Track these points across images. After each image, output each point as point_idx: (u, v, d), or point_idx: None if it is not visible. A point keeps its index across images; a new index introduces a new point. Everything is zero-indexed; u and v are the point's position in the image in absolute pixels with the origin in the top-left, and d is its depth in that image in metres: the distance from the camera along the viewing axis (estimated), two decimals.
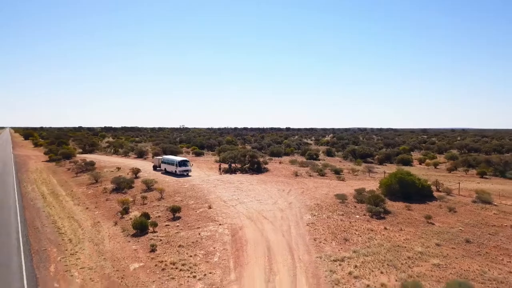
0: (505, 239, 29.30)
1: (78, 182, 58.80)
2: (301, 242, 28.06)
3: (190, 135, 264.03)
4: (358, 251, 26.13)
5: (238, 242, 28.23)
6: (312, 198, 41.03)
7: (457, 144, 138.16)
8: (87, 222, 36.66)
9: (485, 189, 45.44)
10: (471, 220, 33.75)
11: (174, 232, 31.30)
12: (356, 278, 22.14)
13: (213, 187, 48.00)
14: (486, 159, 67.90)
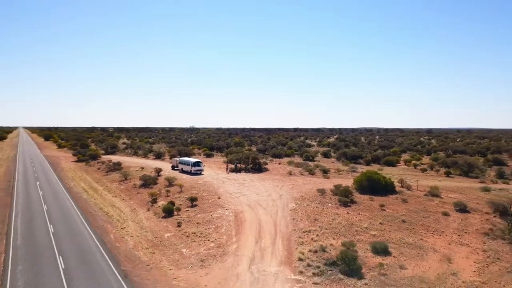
0: (432, 220, 40.43)
1: (110, 179, 70.97)
2: (283, 221, 39.50)
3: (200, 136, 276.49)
4: (322, 226, 37.47)
5: (239, 221, 39.79)
6: (298, 192, 52.41)
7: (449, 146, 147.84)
8: (126, 208, 48.55)
9: (440, 185, 56.40)
10: (415, 208, 44.85)
11: (193, 214, 43.00)
12: (315, 241, 33.46)
13: (222, 183, 59.76)
14: (454, 161, 78.52)
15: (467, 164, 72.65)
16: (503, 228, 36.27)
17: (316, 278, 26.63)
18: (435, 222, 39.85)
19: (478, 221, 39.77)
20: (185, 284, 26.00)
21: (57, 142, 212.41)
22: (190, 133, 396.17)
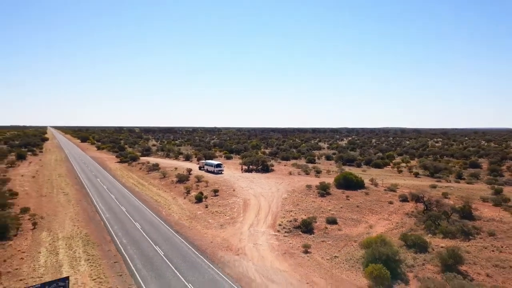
0: (378, 206, 59.13)
1: (151, 177, 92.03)
2: (275, 205, 58.98)
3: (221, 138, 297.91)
4: (300, 209, 56.72)
5: (246, 205, 59.54)
6: (292, 187, 71.73)
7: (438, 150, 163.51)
8: (169, 197, 69.07)
9: (401, 183, 74.93)
10: (371, 198, 63.56)
11: (215, 200, 63.05)
12: (292, 216, 52.68)
13: (236, 180, 79.74)
14: (424, 164, 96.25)
15: (433, 167, 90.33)
16: (420, 210, 54.79)
17: (286, 234, 46.09)
18: (379, 207, 58.60)
19: (409, 207, 58.22)
20: (210, 236, 45.93)
21: (94, 143, 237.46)
22: (212, 134, 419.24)
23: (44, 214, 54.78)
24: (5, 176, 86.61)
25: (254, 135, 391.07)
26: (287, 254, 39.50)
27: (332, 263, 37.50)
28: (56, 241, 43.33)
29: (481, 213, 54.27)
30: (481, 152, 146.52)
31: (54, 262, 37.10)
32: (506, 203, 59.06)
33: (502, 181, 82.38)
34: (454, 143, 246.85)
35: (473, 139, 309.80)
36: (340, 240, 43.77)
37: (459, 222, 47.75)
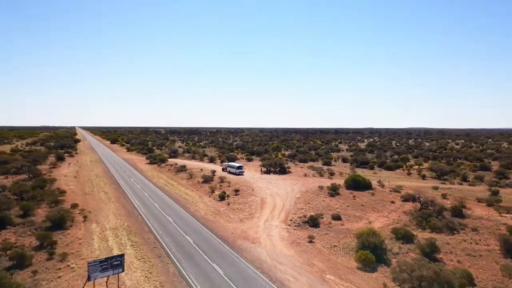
0: (381, 205, 66.33)
1: (179, 177, 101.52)
2: (289, 203, 66.98)
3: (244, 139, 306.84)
4: (310, 207, 64.54)
5: (263, 203, 67.82)
6: (305, 187, 79.52)
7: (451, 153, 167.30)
8: (195, 195, 78.09)
9: (406, 185, 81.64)
10: (376, 198, 70.73)
11: (236, 199, 71.61)
12: (302, 213, 60.66)
13: (255, 181, 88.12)
14: (431, 167, 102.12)
15: (440, 170, 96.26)
16: (417, 209, 61.75)
17: (295, 227, 54.12)
18: (381, 206, 65.81)
19: (409, 206, 65.11)
20: (231, 228, 54.41)
21: (124, 145, 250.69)
22: (235, 136, 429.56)
23: (91, 209, 64.55)
24: (51, 176, 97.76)
25: (276, 136, 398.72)
26: (294, 243, 47.56)
27: (331, 250, 45.35)
28: (105, 231, 52.73)
29: (473, 212, 60.77)
30: (495, 154, 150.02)
31: (106, 246, 46.33)
32: (497, 204, 65.21)
33: (504, 183, 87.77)
34: (475, 145, 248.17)
35: (496, 141, 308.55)
36: (341, 233, 51.45)
37: (446, 219, 54.57)
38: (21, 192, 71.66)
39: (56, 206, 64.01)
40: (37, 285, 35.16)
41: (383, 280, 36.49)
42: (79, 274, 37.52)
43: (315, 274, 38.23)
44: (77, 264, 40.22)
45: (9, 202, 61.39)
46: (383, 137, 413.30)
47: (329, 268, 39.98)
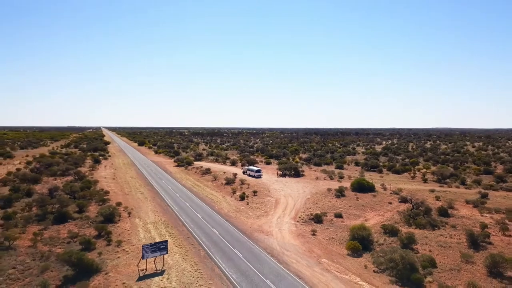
0: (379, 205, 76.54)
1: (205, 179, 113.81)
2: (299, 204, 77.97)
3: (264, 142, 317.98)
4: (318, 206, 75.37)
5: (277, 203, 79.07)
6: (316, 189, 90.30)
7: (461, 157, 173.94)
8: (219, 196, 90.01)
9: (406, 188, 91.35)
10: (376, 200, 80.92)
11: (254, 199, 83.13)
12: (310, 212, 71.56)
13: (272, 183, 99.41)
14: (433, 171, 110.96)
15: (441, 174, 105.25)
16: (409, 209, 71.72)
17: (302, 223, 65.12)
18: (380, 206, 76.04)
19: (404, 207, 75.08)
20: (249, 223, 65.85)
21: (151, 148, 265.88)
22: (256, 138, 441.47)
23: (132, 207, 77.14)
24: (93, 177, 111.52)
25: (296, 138, 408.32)
26: (300, 236, 58.65)
27: (328, 241, 56.23)
28: (146, 224, 65.06)
29: (458, 212, 70.58)
30: (504, 158, 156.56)
31: (149, 236, 58.48)
32: (482, 205, 74.55)
33: (499, 187, 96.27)
34: (491, 148, 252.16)
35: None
36: (339, 228, 62.18)
37: (430, 218, 64.47)
38: (72, 192, 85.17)
39: (104, 204, 77.07)
40: (104, 262, 47.32)
41: (365, 263, 47.15)
42: (132, 256, 49.61)
43: (313, 258, 49.24)
44: (130, 249, 52.42)
45: (67, 201, 74.67)
46: (402, 139, 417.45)
47: (325, 254, 50.91)
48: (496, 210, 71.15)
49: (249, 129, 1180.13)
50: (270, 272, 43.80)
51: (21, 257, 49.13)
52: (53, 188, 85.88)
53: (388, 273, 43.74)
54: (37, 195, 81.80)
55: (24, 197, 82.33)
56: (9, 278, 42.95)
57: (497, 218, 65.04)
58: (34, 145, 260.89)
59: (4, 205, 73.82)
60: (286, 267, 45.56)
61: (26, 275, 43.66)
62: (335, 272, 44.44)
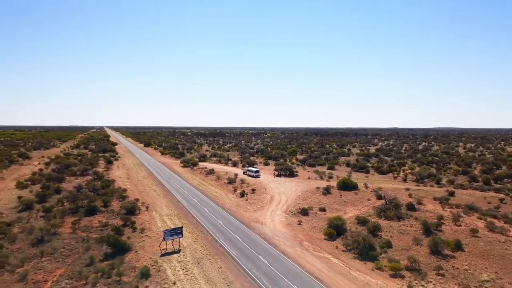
0: (359, 202, 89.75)
1: (209, 179, 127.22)
2: (291, 200, 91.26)
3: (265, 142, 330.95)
4: (306, 202, 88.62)
5: (271, 199, 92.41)
6: (306, 188, 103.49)
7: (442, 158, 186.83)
8: (222, 193, 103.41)
9: (385, 186, 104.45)
10: (358, 196, 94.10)
11: (253, 196, 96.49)
12: (299, 206, 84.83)
13: (268, 182, 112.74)
14: (412, 172, 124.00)
15: (419, 175, 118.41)
16: (383, 204, 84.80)
17: (291, 216, 78.37)
18: (359, 202, 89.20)
19: (380, 202, 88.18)
20: (248, 215, 79.17)
21: (157, 149, 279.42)
22: (257, 138, 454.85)
23: (149, 203, 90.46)
24: (109, 177, 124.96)
25: (296, 139, 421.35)
26: (288, 225, 71.92)
27: (311, 229, 69.47)
28: (162, 216, 78.39)
29: (424, 207, 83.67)
30: (485, 159, 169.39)
31: (166, 225, 71.74)
32: (447, 201, 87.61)
33: (469, 186, 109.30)
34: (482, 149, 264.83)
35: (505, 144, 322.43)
36: (321, 219, 75.37)
37: (397, 212, 77.58)
38: (95, 190, 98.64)
39: (124, 200, 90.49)
40: (133, 244, 60.64)
41: (337, 245, 60.37)
42: (154, 239, 62.94)
43: (297, 241, 62.54)
44: (151, 234, 65.80)
45: (94, 197, 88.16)
46: (400, 140, 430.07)
47: (307, 238, 64.19)
48: (457, 205, 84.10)
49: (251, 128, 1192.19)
50: (262, 251, 57.13)
51: (66, 240, 62.60)
52: (78, 187, 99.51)
53: (353, 251, 56.98)
54: (66, 192, 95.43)
55: (54, 194, 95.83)
56: (62, 255, 56.40)
57: (454, 212, 78.03)
58: (45, 146, 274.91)
59: (40, 201, 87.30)
60: (274, 247, 58.89)
61: (74, 253, 57.14)
62: (312, 251, 57.72)
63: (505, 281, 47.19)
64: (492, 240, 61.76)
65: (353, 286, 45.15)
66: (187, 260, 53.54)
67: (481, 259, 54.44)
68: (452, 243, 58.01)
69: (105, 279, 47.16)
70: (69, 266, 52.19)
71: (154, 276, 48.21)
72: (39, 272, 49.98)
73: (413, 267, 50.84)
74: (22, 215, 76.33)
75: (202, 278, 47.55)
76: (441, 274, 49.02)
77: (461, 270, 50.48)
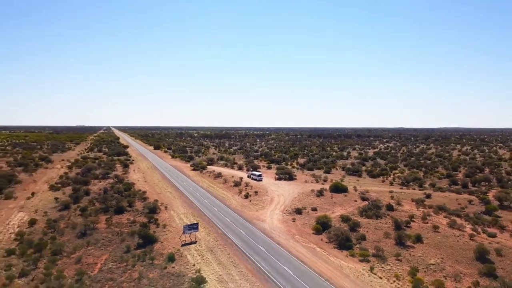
0: (346, 203, 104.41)
1: (217, 182, 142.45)
2: (288, 201, 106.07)
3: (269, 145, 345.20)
4: (301, 203, 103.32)
5: (272, 200, 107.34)
6: (302, 190, 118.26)
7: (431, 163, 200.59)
8: (229, 195, 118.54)
9: (372, 189, 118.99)
10: (346, 198, 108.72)
11: (255, 197, 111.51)
12: (294, 206, 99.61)
13: (269, 185, 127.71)
14: (399, 176, 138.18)
15: (404, 178, 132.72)
16: (366, 205, 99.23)
17: (288, 214, 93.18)
18: (346, 203, 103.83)
19: (365, 204, 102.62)
20: (251, 214, 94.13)
21: (167, 152, 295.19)
22: (262, 140, 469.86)
23: (167, 203, 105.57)
24: (129, 180, 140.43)
25: (299, 141, 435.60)
26: (284, 222, 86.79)
27: (302, 225, 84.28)
28: (179, 215, 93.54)
29: (402, 208, 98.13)
30: (471, 163, 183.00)
31: (183, 222, 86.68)
32: (422, 202, 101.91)
33: (447, 189, 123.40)
34: (476, 151, 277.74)
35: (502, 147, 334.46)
36: (312, 218, 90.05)
37: (375, 211, 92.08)
38: (119, 192, 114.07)
39: (144, 201, 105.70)
40: (158, 236, 75.72)
41: (321, 238, 75.21)
42: (175, 233, 78.01)
43: (290, 235, 77.41)
44: (172, 230, 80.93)
45: (120, 198, 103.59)
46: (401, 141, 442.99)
47: (298, 232, 79.05)
48: (430, 206, 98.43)
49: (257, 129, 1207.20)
50: (261, 242, 72.15)
51: (103, 234, 77.79)
52: (104, 189, 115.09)
53: (334, 243, 71.76)
54: (95, 194, 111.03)
55: (84, 196, 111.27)
56: (103, 244, 71.56)
57: (425, 212, 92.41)
58: (61, 149, 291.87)
59: (74, 201, 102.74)
60: (272, 239, 73.86)
61: (112, 243, 72.30)
62: (302, 242, 72.61)
63: (447, 264, 61.84)
64: (449, 234, 76.25)
65: (328, 267, 60.05)
66: (202, 249, 68.59)
67: (435, 248, 69.03)
68: (413, 236, 72.74)
69: (141, 262, 62.26)
70: (111, 252, 67.35)
71: (178, 260, 63.20)
72: (89, 257, 65.18)
73: (379, 254, 65.52)
74: (63, 214, 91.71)
75: (215, 261, 62.60)
76: (399, 259, 63.74)
77: (416, 257, 65.18)
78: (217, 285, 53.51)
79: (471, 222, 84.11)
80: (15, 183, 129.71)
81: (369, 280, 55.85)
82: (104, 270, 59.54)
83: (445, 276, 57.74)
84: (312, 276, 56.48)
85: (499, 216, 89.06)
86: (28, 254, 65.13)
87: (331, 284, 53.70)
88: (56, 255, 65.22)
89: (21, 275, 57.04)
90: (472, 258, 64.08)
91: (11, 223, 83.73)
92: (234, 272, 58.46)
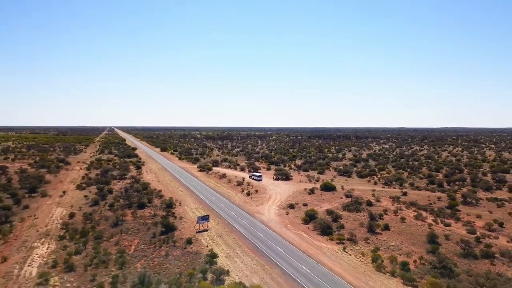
0: (333, 199, 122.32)
1: (222, 182, 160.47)
2: (284, 198, 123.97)
3: (269, 146, 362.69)
4: (295, 199, 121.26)
5: (269, 197, 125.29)
6: (296, 189, 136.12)
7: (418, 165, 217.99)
8: (233, 193, 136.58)
9: (357, 188, 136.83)
10: (334, 195, 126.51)
11: (256, 195, 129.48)
12: (288, 203, 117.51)
13: (268, 185, 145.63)
14: (384, 176, 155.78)
15: (387, 178, 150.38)
16: (349, 201, 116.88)
17: (282, 209, 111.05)
18: (333, 200, 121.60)
19: (348, 200, 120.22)
20: (252, 208, 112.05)
21: (173, 153, 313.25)
22: (263, 141, 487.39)
23: (180, 200, 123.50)
24: (144, 180, 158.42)
25: (299, 142, 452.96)
26: (279, 215, 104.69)
27: (294, 217, 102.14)
28: (192, 209, 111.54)
29: (380, 204, 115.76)
30: (454, 165, 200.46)
31: (196, 215, 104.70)
32: (398, 199, 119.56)
33: (424, 188, 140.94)
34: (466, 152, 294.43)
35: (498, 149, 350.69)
36: (303, 211, 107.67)
37: (356, 206, 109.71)
38: (138, 190, 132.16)
39: (161, 198, 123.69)
40: (177, 226, 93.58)
41: (308, 226, 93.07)
42: (190, 224, 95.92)
43: (283, 224, 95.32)
44: (187, 221, 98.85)
45: (140, 196, 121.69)
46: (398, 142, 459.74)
47: (290, 223, 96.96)
48: (403, 202, 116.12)
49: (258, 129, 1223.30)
50: (260, 229, 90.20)
51: (131, 224, 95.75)
52: (125, 188, 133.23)
53: (318, 230, 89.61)
54: (117, 192, 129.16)
55: (108, 194, 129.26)
56: (133, 232, 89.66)
57: (398, 207, 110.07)
58: (74, 151, 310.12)
59: (102, 199, 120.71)
60: (268, 228, 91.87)
61: (140, 231, 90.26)
62: (292, 230, 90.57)
63: (404, 246, 79.63)
64: (412, 224, 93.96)
65: (311, 247, 78.00)
66: (213, 235, 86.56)
67: (398, 235, 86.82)
68: (382, 225, 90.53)
69: (166, 244, 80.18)
70: (141, 238, 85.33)
71: (194, 243, 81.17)
72: (124, 241, 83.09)
73: (352, 238, 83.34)
74: (95, 208, 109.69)
75: (223, 243, 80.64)
76: (367, 242, 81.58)
77: (381, 240, 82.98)
78: (226, 259, 71.39)
79: (434, 215, 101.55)
80: (44, 183, 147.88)
81: (341, 256, 73.67)
82: (138, 249, 77.39)
83: (400, 254, 75.51)
84: (298, 253, 74.41)
85: (459, 210, 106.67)
86: (77, 238, 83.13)
87: (312, 259, 71.55)
88: (99, 239, 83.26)
89: (76, 253, 74.95)
90: (424, 242, 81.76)
91: (54, 216, 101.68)
92: (238, 250, 76.40)
